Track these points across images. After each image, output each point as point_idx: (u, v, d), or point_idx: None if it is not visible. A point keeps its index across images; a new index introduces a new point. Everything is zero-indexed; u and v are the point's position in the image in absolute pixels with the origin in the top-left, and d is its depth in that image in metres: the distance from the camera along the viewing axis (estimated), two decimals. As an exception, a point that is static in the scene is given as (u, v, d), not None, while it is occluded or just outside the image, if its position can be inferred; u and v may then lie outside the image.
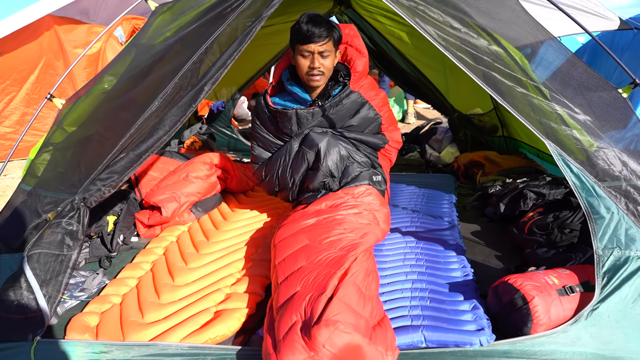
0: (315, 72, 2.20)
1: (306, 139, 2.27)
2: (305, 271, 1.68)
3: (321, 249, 1.78)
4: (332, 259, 1.71)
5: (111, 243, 2.45)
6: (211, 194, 2.87)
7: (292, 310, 1.49)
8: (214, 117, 4.24)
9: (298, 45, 2.18)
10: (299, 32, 2.14)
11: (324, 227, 1.96)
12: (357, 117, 2.35)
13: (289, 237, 1.96)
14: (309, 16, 2.14)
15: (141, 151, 1.83)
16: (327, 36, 2.14)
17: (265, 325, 1.58)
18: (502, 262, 2.36)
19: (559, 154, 1.72)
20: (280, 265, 1.80)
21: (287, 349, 1.35)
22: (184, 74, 1.81)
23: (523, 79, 1.84)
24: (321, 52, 2.17)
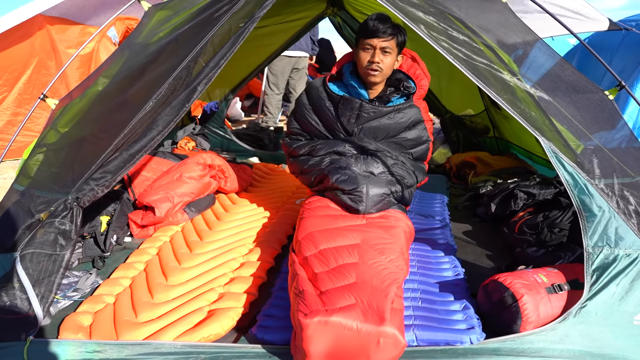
0: (374, 67, 2.19)
1: (347, 180, 2.18)
2: (359, 268, 1.74)
3: (373, 255, 1.85)
4: (386, 269, 1.77)
5: (104, 243, 2.45)
6: (204, 194, 2.88)
7: (349, 293, 1.60)
8: (207, 118, 4.25)
9: (362, 39, 2.19)
10: (365, 27, 2.17)
11: (375, 230, 2.02)
12: (413, 131, 2.33)
13: (338, 229, 2.02)
14: (377, 14, 2.18)
15: (134, 151, 1.83)
16: (391, 34, 2.15)
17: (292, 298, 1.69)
18: (493, 261, 2.38)
19: (552, 152, 1.74)
20: (322, 253, 1.86)
21: (353, 316, 1.49)
22: (178, 75, 1.82)
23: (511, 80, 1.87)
24: (383, 47, 2.16)
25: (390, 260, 1.84)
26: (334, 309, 1.51)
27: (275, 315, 1.78)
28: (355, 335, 1.45)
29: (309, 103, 2.40)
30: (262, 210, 2.90)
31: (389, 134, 2.30)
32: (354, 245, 1.90)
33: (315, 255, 1.85)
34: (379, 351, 1.45)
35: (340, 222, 2.07)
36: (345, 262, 1.80)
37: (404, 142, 2.32)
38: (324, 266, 1.79)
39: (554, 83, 2.01)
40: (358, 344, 1.45)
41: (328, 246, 1.89)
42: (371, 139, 2.30)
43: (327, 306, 1.53)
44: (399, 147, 2.33)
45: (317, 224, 2.04)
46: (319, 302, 1.57)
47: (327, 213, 2.13)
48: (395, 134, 2.29)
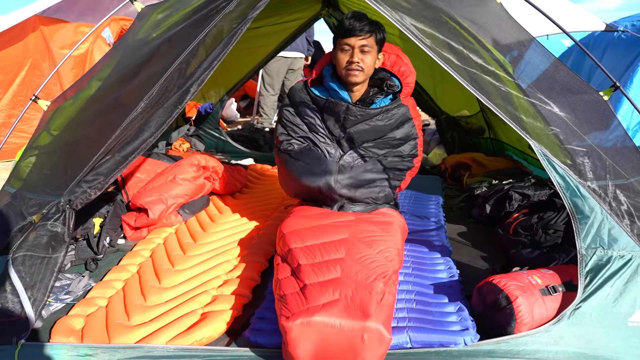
0: (354, 67, 2.09)
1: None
2: (345, 263, 1.73)
3: (362, 248, 1.84)
4: (375, 262, 1.76)
5: (97, 245, 2.43)
6: (198, 195, 2.87)
7: (333, 288, 1.59)
8: (202, 119, 4.23)
9: (339, 39, 2.11)
10: (341, 26, 2.09)
11: (365, 224, 2.02)
12: (401, 129, 2.24)
13: (325, 226, 2.00)
14: (353, 12, 2.10)
15: (127, 153, 1.82)
16: (369, 31, 2.06)
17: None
18: (488, 262, 2.38)
19: (543, 155, 1.74)
20: (308, 248, 1.85)
21: (336, 313, 1.48)
22: (170, 76, 1.81)
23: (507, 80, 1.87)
24: (361, 46, 2.07)
25: (379, 252, 1.83)
26: (315, 307, 1.49)
27: (268, 318, 1.77)
28: (339, 332, 1.44)
29: (292, 107, 2.31)
30: (256, 212, 2.89)
31: (377, 135, 2.22)
32: (342, 240, 1.89)
33: (301, 249, 1.84)
34: (365, 348, 1.43)
35: (328, 219, 2.06)
36: (331, 257, 1.78)
37: (392, 142, 2.25)
38: (309, 259, 1.78)
39: (549, 84, 2.01)
40: (344, 341, 1.44)
41: (315, 242, 1.89)
42: (359, 142, 2.22)
43: (309, 303, 1.52)
44: (388, 147, 2.25)
45: (304, 222, 2.04)
46: (301, 300, 1.55)
47: (314, 213, 2.13)
48: (383, 135, 2.22)
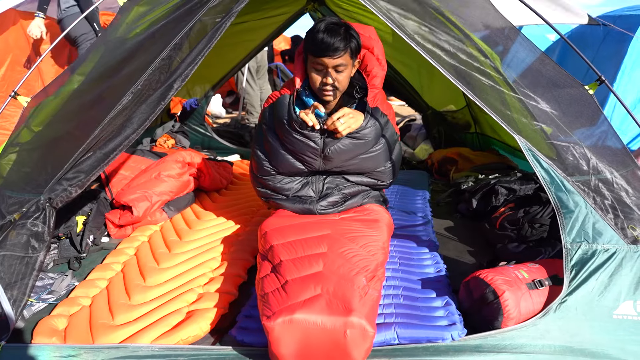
0: (328, 88, 1.97)
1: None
2: (327, 257, 1.72)
3: (344, 242, 1.82)
4: (357, 256, 1.75)
5: (80, 244, 2.39)
6: (184, 192, 2.84)
7: (315, 283, 1.57)
8: (187, 115, 4.19)
9: (310, 57, 1.93)
10: (313, 43, 1.89)
11: (349, 222, 2.00)
12: (381, 141, 2.06)
13: (307, 223, 1.98)
14: (325, 24, 1.89)
15: (109, 150, 1.78)
16: (343, 49, 1.88)
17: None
18: (475, 257, 2.39)
19: (528, 149, 1.74)
20: (290, 244, 1.83)
21: (317, 309, 1.46)
22: (153, 71, 1.78)
23: (493, 74, 1.86)
24: (336, 66, 1.91)
25: (362, 246, 1.82)
26: (297, 304, 1.48)
27: (254, 316, 1.75)
28: (321, 329, 1.42)
29: (272, 122, 2.10)
30: (242, 209, 2.86)
31: (358, 152, 2.03)
32: (324, 236, 1.88)
33: (282, 245, 1.83)
34: (348, 343, 1.42)
35: (312, 218, 2.04)
36: (313, 252, 1.77)
37: (376, 156, 2.08)
38: (290, 254, 1.77)
39: (535, 78, 2.01)
40: (327, 338, 1.43)
41: (296, 238, 1.87)
42: (339, 161, 2.05)
43: (290, 300, 1.51)
44: (373, 160, 2.09)
45: (285, 221, 2.02)
46: (282, 297, 1.54)
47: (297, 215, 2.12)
48: (366, 150, 2.04)
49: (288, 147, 2.03)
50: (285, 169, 2.10)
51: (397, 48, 3.83)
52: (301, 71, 2.06)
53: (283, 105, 2.03)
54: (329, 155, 1.99)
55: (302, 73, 2.06)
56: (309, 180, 2.15)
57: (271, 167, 2.12)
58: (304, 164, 2.07)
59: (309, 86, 2.07)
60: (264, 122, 2.12)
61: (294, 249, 1.78)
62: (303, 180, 2.15)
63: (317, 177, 2.15)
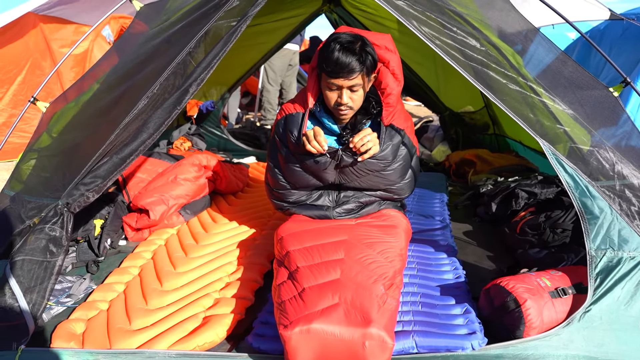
0: (343, 109, 1.91)
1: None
2: (345, 264, 1.69)
3: (362, 249, 1.80)
4: (375, 262, 1.72)
5: (98, 247, 2.40)
6: (200, 196, 2.84)
7: (333, 291, 1.54)
8: (203, 117, 4.20)
9: (324, 76, 1.86)
10: (327, 63, 1.80)
11: (366, 228, 1.97)
12: (399, 158, 2.00)
13: (324, 229, 1.95)
14: (340, 43, 1.79)
15: (125, 155, 1.78)
16: (359, 70, 1.80)
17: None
18: (494, 262, 2.34)
19: (552, 153, 1.70)
20: (306, 250, 1.81)
21: (335, 319, 1.44)
22: (169, 76, 1.78)
23: (515, 76, 1.82)
24: (351, 86, 1.85)
25: (379, 252, 1.79)
26: (314, 313, 1.46)
27: (271, 323, 1.73)
28: (339, 340, 1.40)
29: (285, 137, 2.04)
30: (258, 212, 2.85)
31: (375, 169, 1.98)
32: (341, 241, 1.85)
33: (299, 251, 1.81)
34: (367, 355, 1.40)
35: (328, 223, 2.02)
36: (330, 258, 1.75)
37: (393, 173, 2.02)
38: (307, 260, 1.74)
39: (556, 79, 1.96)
40: (345, 349, 1.40)
41: (313, 243, 1.85)
42: (355, 177, 2.01)
43: (307, 309, 1.48)
44: (390, 177, 2.04)
45: (301, 226, 2.00)
46: (299, 306, 1.51)
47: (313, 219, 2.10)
48: (383, 168, 1.98)
49: (302, 163, 2.00)
50: (300, 184, 2.08)
51: (414, 47, 3.79)
52: (315, 88, 1.99)
53: (294, 124, 1.99)
54: (344, 169, 1.96)
55: (316, 90, 2.00)
56: (325, 192, 2.14)
57: (286, 182, 2.10)
58: (319, 179, 2.04)
59: (322, 101, 2.01)
60: (278, 135, 2.09)
61: (310, 255, 1.76)
62: (319, 192, 2.13)
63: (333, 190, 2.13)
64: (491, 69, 1.75)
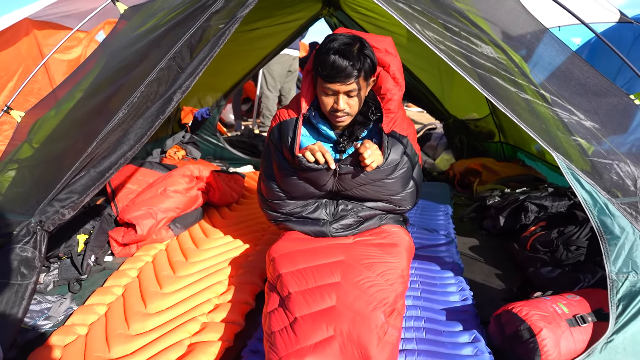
0: (339, 115, 1.79)
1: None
2: (341, 288, 1.55)
3: (360, 270, 1.65)
4: (374, 286, 1.57)
5: (81, 265, 2.26)
6: (191, 208, 2.69)
7: (327, 321, 1.41)
8: (198, 125, 4.06)
9: (320, 80, 1.74)
10: (322, 66, 1.68)
11: (364, 247, 1.82)
12: (401, 167, 1.86)
13: (319, 248, 1.80)
14: (336, 45, 1.67)
15: (103, 168, 1.64)
16: (356, 74, 1.69)
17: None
18: (503, 281, 2.19)
19: (568, 168, 1.55)
20: (300, 272, 1.66)
21: (329, 355, 1.33)
22: (151, 82, 1.64)
23: (525, 84, 1.68)
24: (348, 91, 1.73)
25: (379, 274, 1.64)
26: (306, 348, 1.31)
27: (261, 351, 1.58)
28: None
29: (280, 144, 1.91)
30: (252, 225, 2.70)
31: (375, 177, 1.84)
32: (337, 262, 1.70)
33: (292, 273, 1.66)
34: None
35: (324, 242, 1.87)
36: (325, 282, 1.60)
37: (395, 182, 1.89)
38: (300, 285, 1.60)
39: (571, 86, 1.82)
40: None
41: (307, 265, 1.70)
42: (354, 185, 1.87)
43: (299, 343, 1.34)
44: (391, 186, 1.90)
45: (295, 245, 1.84)
46: (290, 339, 1.37)
47: (308, 237, 1.95)
48: (384, 177, 1.85)
49: (298, 171, 1.86)
50: (296, 193, 1.93)
51: (416, 52, 3.66)
52: (309, 92, 1.87)
53: (288, 131, 1.86)
54: (343, 177, 1.82)
55: (311, 94, 1.87)
56: (322, 203, 1.98)
57: (281, 191, 1.95)
58: (316, 187, 1.90)
59: (317, 106, 1.88)
60: (273, 141, 1.95)
61: (304, 278, 1.61)
62: (315, 203, 1.98)
63: (330, 200, 1.98)
64: (499, 76, 1.61)
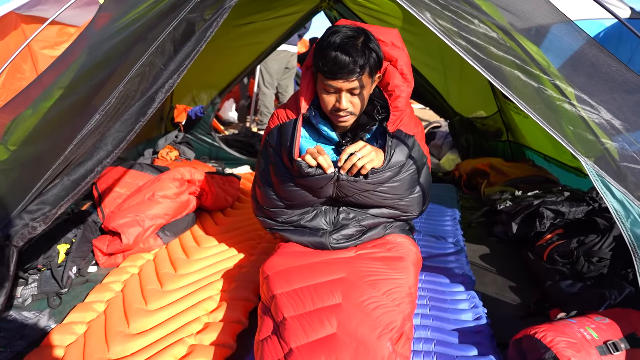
0: (341, 114, 1.64)
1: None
2: (343, 312, 1.38)
3: (363, 289, 1.48)
4: (379, 307, 1.41)
5: (62, 277, 2.09)
6: (182, 214, 2.52)
7: (327, 354, 1.25)
8: (192, 124, 3.89)
9: (321, 76, 1.58)
10: (323, 61, 1.52)
11: (367, 262, 1.64)
12: (407, 169, 1.69)
13: (317, 264, 1.64)
14: (339, 38, 1.51)
15: (78, 176, 1.48)
16: (360, 70, 1.52)
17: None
18: (518, 295, 2.02)
19: (597, 175, 1.38)
20: (296, 293, 1.49)
21: None
22: (131, 80, 1.47)
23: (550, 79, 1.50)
24: (351, 89, 1.57)
25: (385, 293, 1.48)
26: None
27: (254, 381, 1.42)
28: None
29: (279, 147, 1.75)
30: (247, 232, 2.53)
31: (378, 181, 1.66)
32: (338, 280, 1.53)
33: (288, 294, 1.49)
34: None
35: (322, 256, 1.70)
36: (324, 304, 1.43)
37: (399, 186, 1.72)
38: (297, 308, 1.43)
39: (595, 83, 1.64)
40: None
41: (305, 284, 1.53)
42: (355, 190, 1.69)
43: None
44: (396, 190, 1.73)
45: (291, 261, 1.67)
46: None
47: (304, 250, 1.77)
48: (387, 180, 1.67)
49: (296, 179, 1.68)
50: (295, 201, 1.75)
51: (420, 48, 3.47)
52: (309, 89, 1.70)
53: (287, 134, 1.69)
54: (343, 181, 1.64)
55: (311, 92, 1.71)
56: (321, 210, 1.81)
57: (279, 199, 1.78)
58: (316, 195, 1.72)
59: (318, 105, 1.71)
60: (271, 143, 1.78)
61: (301, 300, 1.44)
62: (314, 210, 1.81)
63: (331, 207, 1.81)
64: (522, 71, 1.43)
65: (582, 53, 1.70)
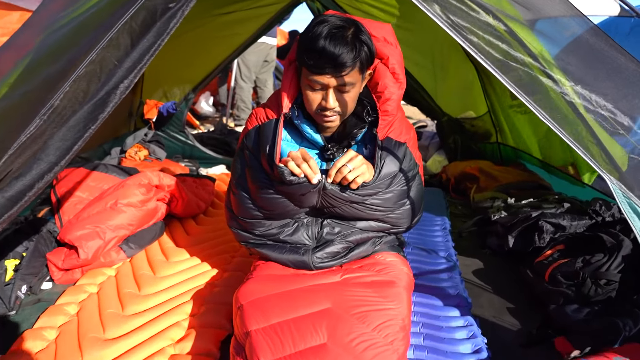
0: (328, 114, 1.46)
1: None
2: (329, 355, 1.20)
3: (351, 324, 1.30)
4: (370, 348, 1.23)
5: (10, 298, 1.85)
6: (149, 223, 2.28)
7: None
8: (164, 121, 3.63)
9: (305, 71, 1.40)
10: (309, 53, 1.34)
11: (354, 288, 1.45)
12: (397, 180, 1.53)
13: (298, 291, 1.44)
14: (327, 28, 1.32)
15: (15, 193, 1.23)
16: (351, 64, 1.35)
17: None
18: (519, 319, 1.85)
19: (624, 196, 1.20)
20: (274, 330, 1.29)
21: None
22: (78, 79, 1.23)
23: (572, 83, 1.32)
24: (340, 85, 1.39)
25: (376, 329, 1.30)
26: None
27: None
28: None
29: (258, 150, 1.55)
30: (221, 244, 2.31)
31: (367, 193, 1.48)
32: (322, 312, 1.34)
33: (265, 331, 1.29)
34: None
35: (304, 282, 1.50)
36: (307, 345, 1.25)
37: (390, 198, 1.54)
38: (275, 351, 1.24)
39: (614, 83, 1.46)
40: None
41: (284, 318, 1.34)
42: (341, 202, 1.50)
43: None
44: (385, 202, 1.55)
45: (268, 288, 1.46)
46: None
47: (284, 273, 1.57)
48: (376, 193, 1.50)
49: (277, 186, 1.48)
50: (275, 211, 1.55)
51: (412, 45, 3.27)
52: (292, 86, 1.51)
53: (266, 137, 1.50)
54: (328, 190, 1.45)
55: (294, 89, 1.52)
56: (303, 223, 1.61)
57: (256, 209, 1.57)
58: (298, 204, 1.53)
59: (301, 104, 1.52)
60: (247, 146, 1.58)
61: (280, 340, 1.24)
62: (295, 223, 1.61)
63: (314, 219, 1.61)
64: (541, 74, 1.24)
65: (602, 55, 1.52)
